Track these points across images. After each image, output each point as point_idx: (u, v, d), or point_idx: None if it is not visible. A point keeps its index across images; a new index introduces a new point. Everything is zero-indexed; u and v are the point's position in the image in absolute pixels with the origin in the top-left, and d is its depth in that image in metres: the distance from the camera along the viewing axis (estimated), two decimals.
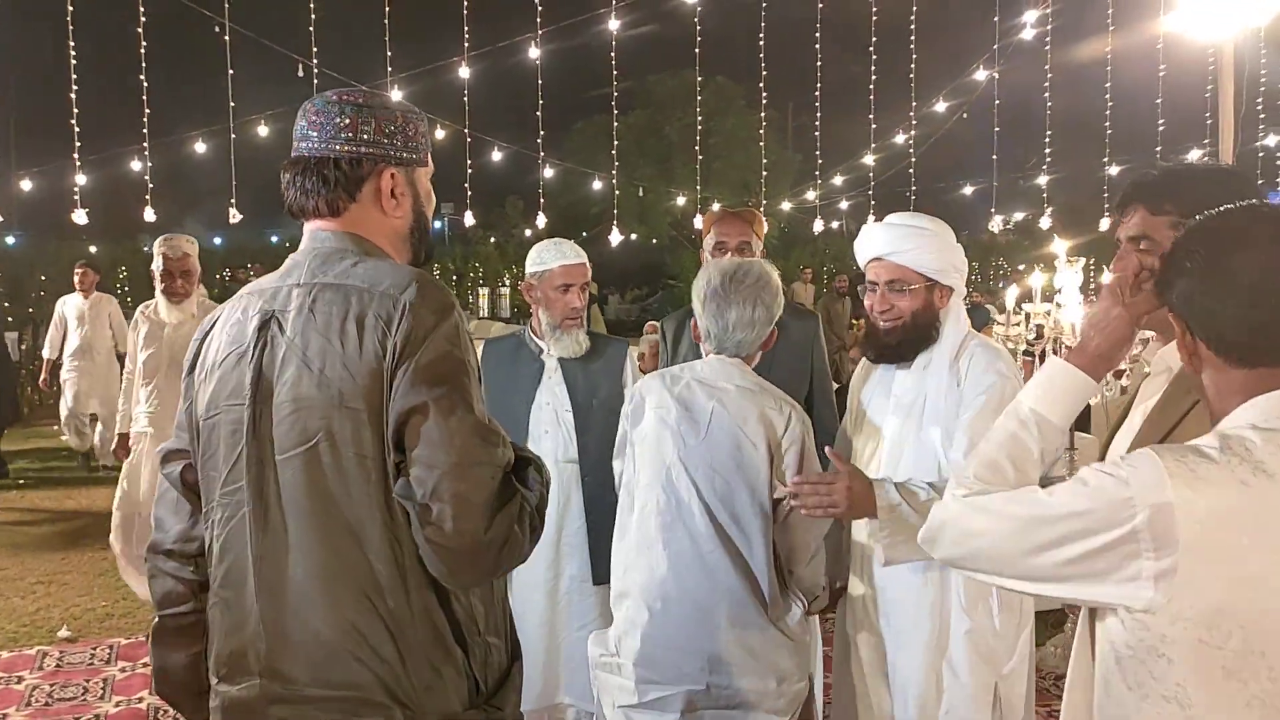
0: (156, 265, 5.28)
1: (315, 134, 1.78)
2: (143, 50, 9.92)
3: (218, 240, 29.11)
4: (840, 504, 2.46)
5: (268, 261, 21.96)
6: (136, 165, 12.64)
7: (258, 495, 1.68)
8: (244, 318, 1.77)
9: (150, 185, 10.14)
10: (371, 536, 1.64)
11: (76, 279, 9.62)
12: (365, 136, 1.76)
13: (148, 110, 10.03)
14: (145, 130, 10.06)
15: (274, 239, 30.38)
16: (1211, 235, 1.52)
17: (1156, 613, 1.40)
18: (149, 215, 10.11)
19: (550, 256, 3.58)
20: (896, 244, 2.70)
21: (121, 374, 5.97)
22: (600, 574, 3.41)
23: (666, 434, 2.65)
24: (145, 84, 9.93)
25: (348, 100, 1.79)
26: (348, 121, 1.76)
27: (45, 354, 9.91)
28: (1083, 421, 5.56)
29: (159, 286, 5.33)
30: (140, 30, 9.78)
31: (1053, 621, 5.26)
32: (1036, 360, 4.84)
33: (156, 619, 1.93)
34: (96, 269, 9.84)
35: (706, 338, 2.73)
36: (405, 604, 1.65)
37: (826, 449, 2.56)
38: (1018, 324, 4.88)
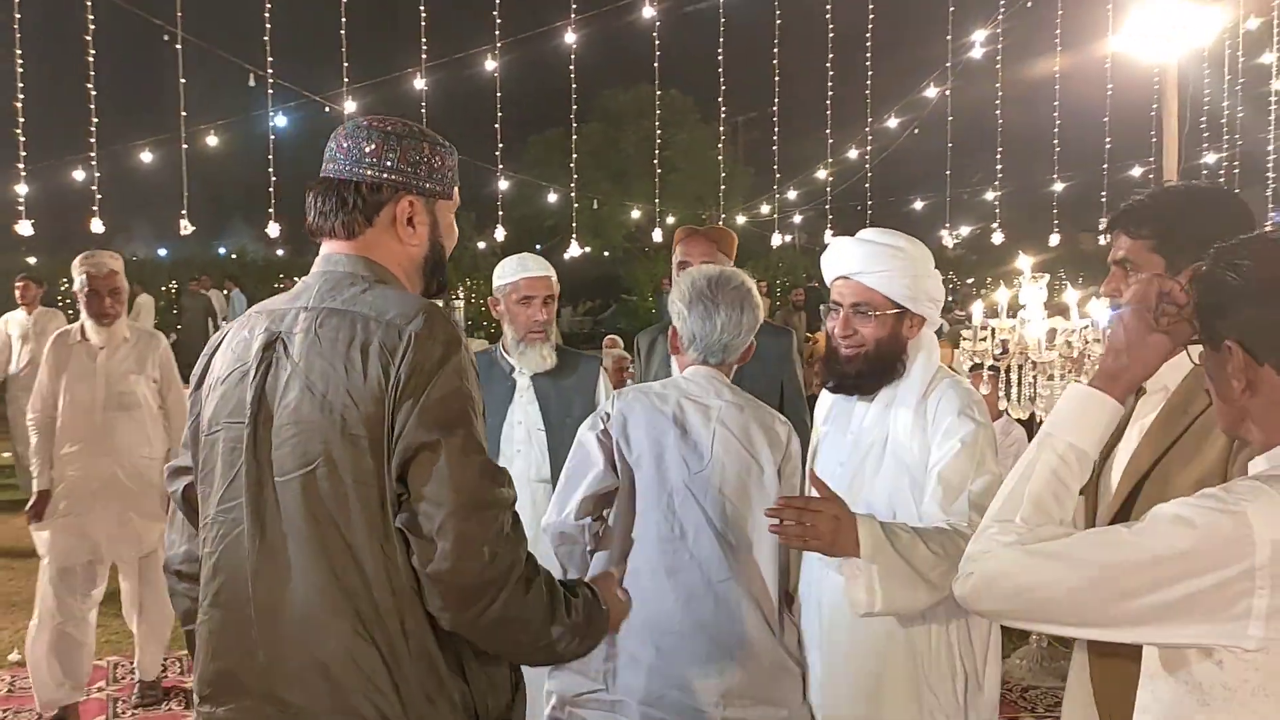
0: (80, 285, 4.62)
1: (342, 156, 1.80)
2: (91, 58, 9.72)
3: (163, 251, 28.64)
4: (823, 537, 2.16)
5: (215, 274, 21.64)
6: (82, 175, 12.40)
7: (255, 515, 1.67)
8: (250, 336, 1.77)
9: (98, 195, 9.92)
10: (368, 564, 1.63)
11: (18, 293, 9.03)
12: (389, 163, 1.78)
13: (96, 119, 9.82)
14: (94, 139, 9.84)
15: (221, 250, 29.98)
16: (1262, 258, 1.47)
17: (1270, 651, 1.33)
18: (96, 226, 9.89)
19: (512, 269, 3.57)
20: (866, 263, 2.44)
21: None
22: None
23: (667, 458, 2.46)
24: (93, 92, 9.72)
25: (377, 127, 1.81)
26: (373, 147, 1.78)
27: None
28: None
29: (84, 309, 4.64)
30: (89, 38, 9.58)
31: (1018, 634, 5.30)
32: (1001, 375, 4.87)
33: (185, 632, 1.96)
34: (39, 282, 9.34)
35: (691, 344, 2.54)
36: (401, 632, 1.64)
37: (809, 472, 2.37)
38: (984, 339, 4.90)
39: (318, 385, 1.64)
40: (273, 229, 11.39)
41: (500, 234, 13.56)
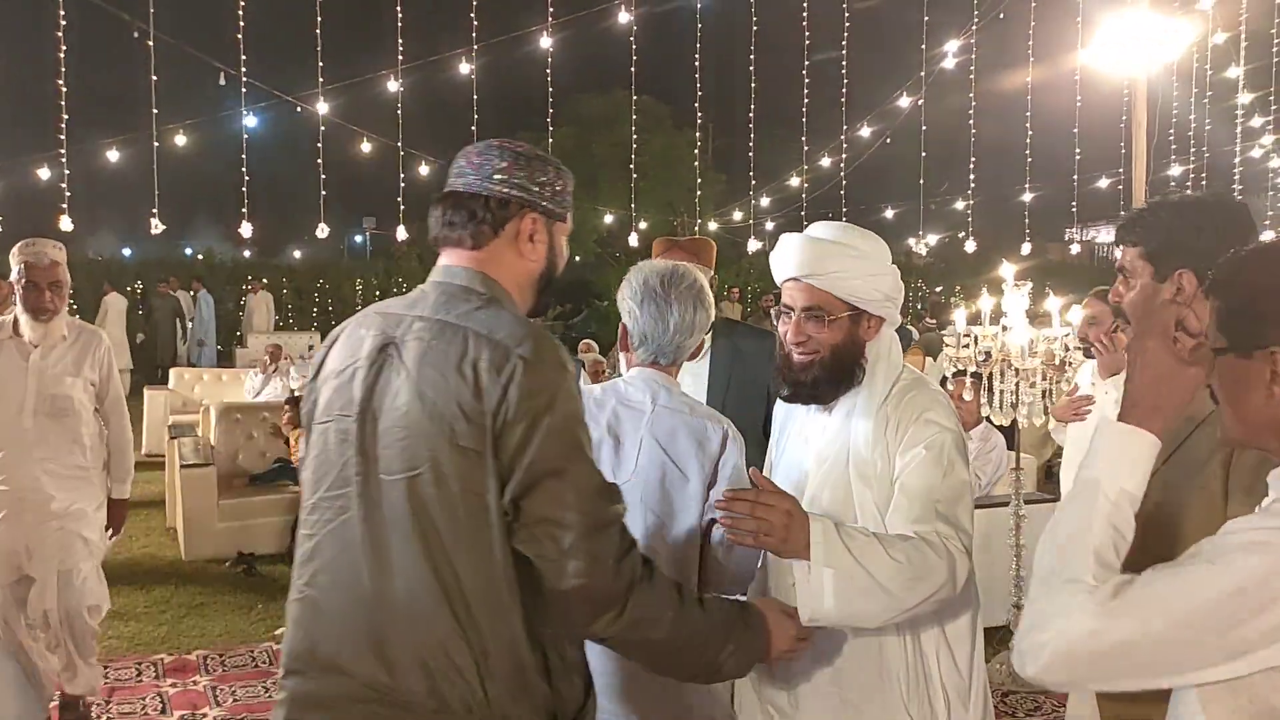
0: (17, 275, 4.14)
1: (471, 172, 1.91)
2: (61, 55, 9.58)
3: (127, 251, 28.25)
4: (775, 532, 2.01)
5: (182, 275, 21.37)
6: (49, 173, 12.22)
7: (363, 506, 1.76)
8: (364, 336, 1.86)
9: (67, 193, 9.77)
10: (464, 567, 1.71)
11: None
12: (517, 181, 1.90)
13: (65, 116, 9.67)
14: (63, 137, 9.68)
15: (188, 251, 29.62)
16: None
17: None
18: (65, 224, 9.74)
19: None
20: (817, 264, 2.23)
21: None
22: None
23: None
24: (64, 89, 9.57)
25: (508, 148, 1.94)
26: (505, 165, 1.90)
27: None
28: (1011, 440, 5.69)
29: (20, 302, 4.15)
30: (60, 34, 9.44)
31: (999, 638, 5.34)
32: (984, 382, 4.92)
33: None
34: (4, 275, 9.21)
35: (642, 343, 2.41)
36: (494, 636, 1.72)
37: (751, 471, 2.14)
38: (966, 346, 4.94)
39: (428, 394, 1.72)
40: (245, 229, 11.25)
41: None
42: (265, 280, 22.68)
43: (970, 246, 15.32)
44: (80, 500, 4.26)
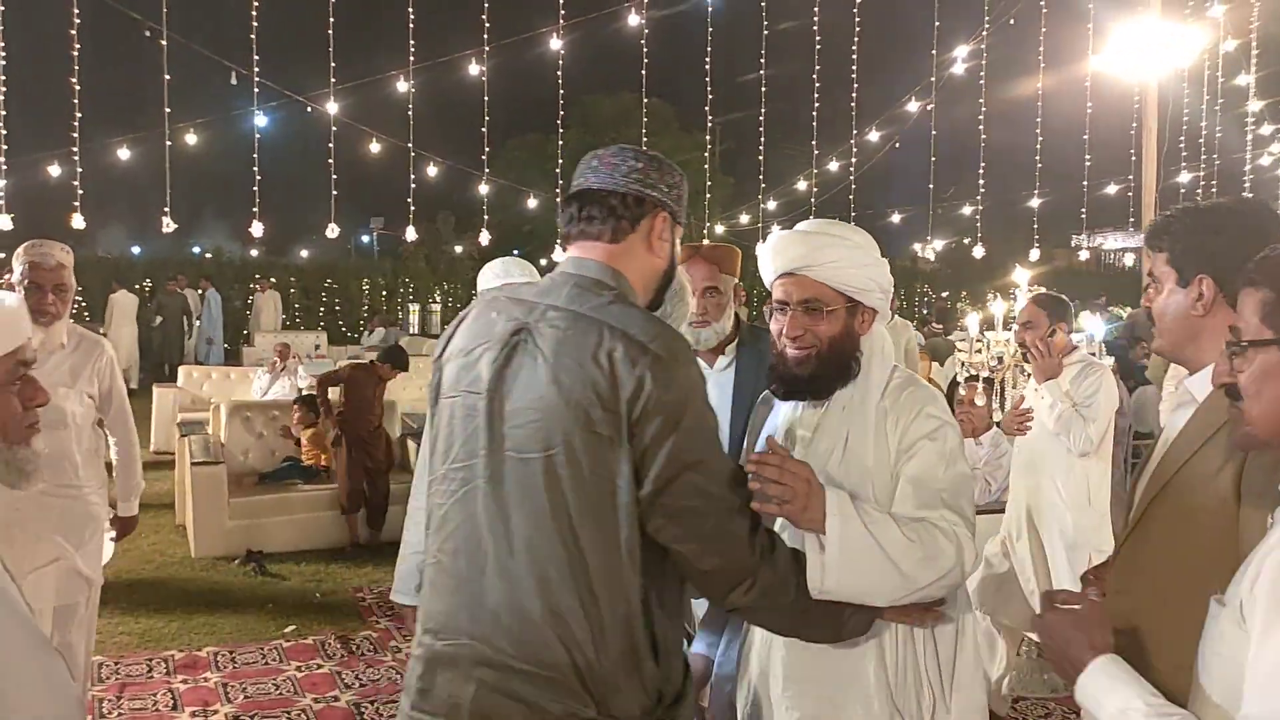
0: (19, 276, 3.88)
1: (606, 171, 1.98)
2: (75, 53, 9.61)
3: (136, 249, 28.33)
4: (798, 500, 1.99)
5: (190, 273, 21.40)
6: (59, 171, 12.25)
7: (491, 480, 1.85)
8: (495, 319, 1.93)
9: (79, 191, 9.79)
10: (588, 544, 1.79)
11: None
12: (651, 181, 1.98)
13: (79, 115, 9.70)
14: (76, 135, 9.72)
15: (196, 250, 29.70)
16: None
17: None
18: (77, 222, 9.77)
19: (496, 275, 3.46)
20: (814, 255, 2.20)
21: None
22: None
23: None
24: (77, 88, 9.60)
25: (640, 151, 2.02)
26: (640, 165, 1.98)
27: None
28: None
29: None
30: (73, 33, 9.47)
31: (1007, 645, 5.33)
32: (996, 387, 4.93)
33: None
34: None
35: None
36: (611, 611, 1.80)
37: (768, 439, 2.12)
38: (979, 351, 4.96)
39: (564, 380, 1.79)
40: (256, 228, 11.27)
41: (485, 238, 13.52)
42: (273, 279, 22.71)
43: (979, 252, 15.29)
44: (73, 529, 3.88)
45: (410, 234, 13.27)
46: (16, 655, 1.75)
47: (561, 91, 12.91)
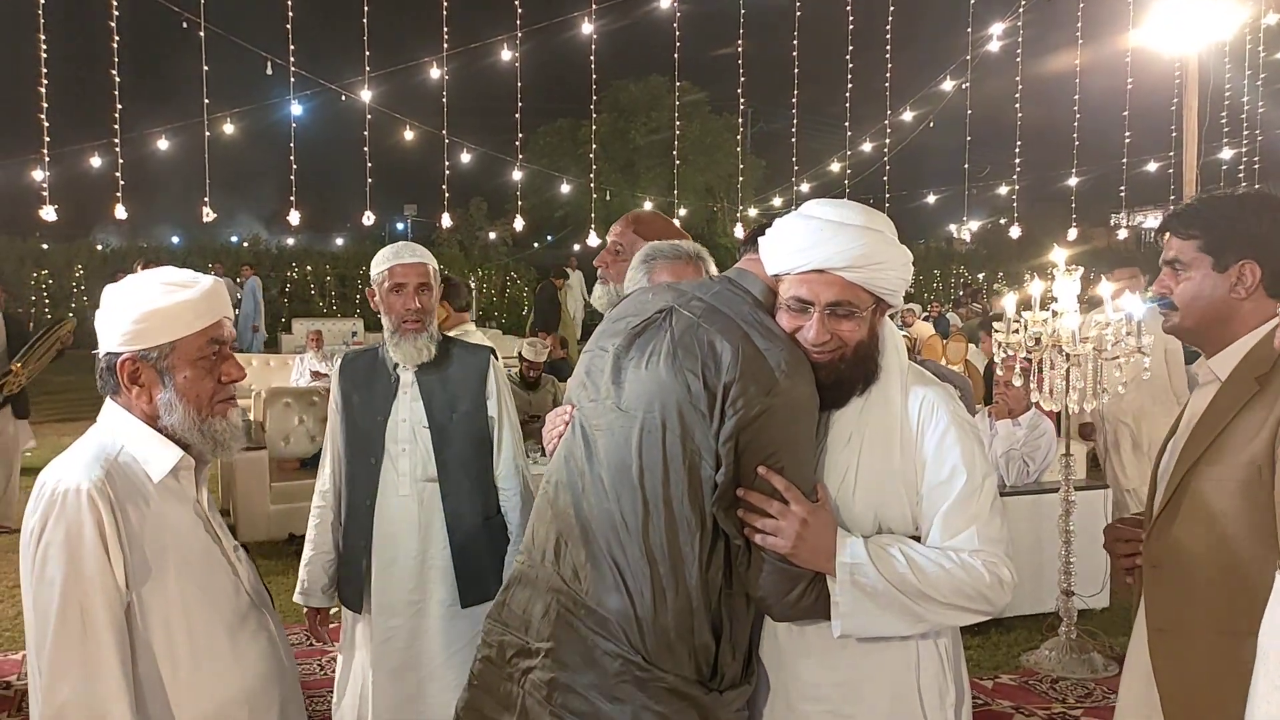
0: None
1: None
2: (115, 46, 9.74)
3: (175, 239, 28.68)
4: (785, 535, 1.89)
5: (228, 261, 21.67)
6: (100, 161, 12.44)
7: (596, 428, 2.04)
8: (650, 300, 2.12)
9: (121, 182, 9.94)
10: (661, 510, 1.92)
11: None
12: None
13: (120, 106, 9.84)
14: (117, 126, 9.85)
15: (234, 239, 30.00)
16: None
17: None
18: (120, 213, 9.91)
19: (384, 258, 3.35)
20: (858, 256, 1.97)
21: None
22: (469, 597, 3.23)
23: None
24: (117, 79, 9.73)
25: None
26: None
27: None
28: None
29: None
30: (113, 25, 9.59)
31: (1047, 625, 5.33)
32: (1034, 366, 4.89)
33: None
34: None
35: None
36: (671, 576, 1.91)
37: (761, 470, 1.93)
38: (1016, 331, 4.92)
39: (679, 354, 1.96)
40: (293, 216, 11.39)
41: (519, 224, 13.56)
42: (310, 267, 22.88)
43: (1015, 232, 15.14)
44: None
45: (445, 221, 13.34)
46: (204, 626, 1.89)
47: (594, 76, 12.90)
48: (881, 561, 1.91)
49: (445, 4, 11.34)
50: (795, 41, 13.02)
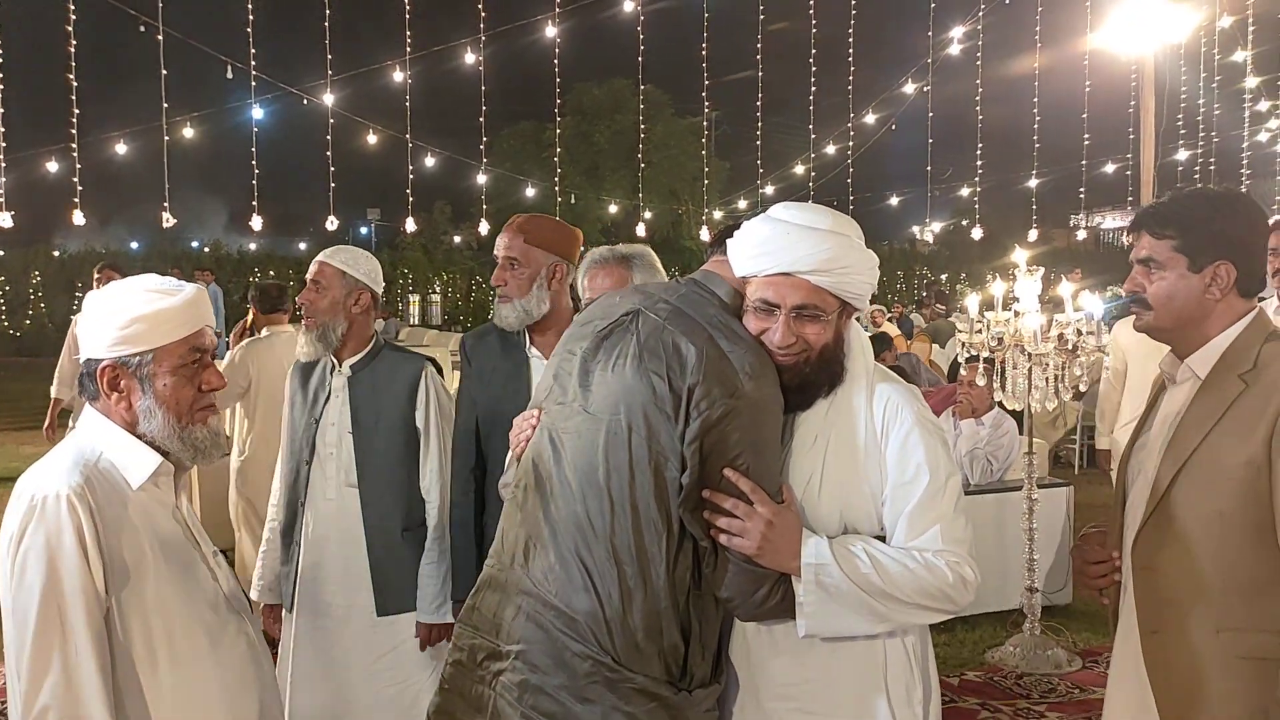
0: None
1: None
2: (71, 49, 9.59)
3: (135, 245, 28.30)
4: (749, 536, 1.91)
5: (186, 267, 21.41)
6: (57, 166, 12.25)
7: (563, 430, 2.04)
8: (619, 302, 2.14)
9: (79, 187, 9.80)
10: (627, 512, 1.93)
11: None
12: None
13: (76, 110, 9.70)
14: (74, 130, 9.71)
15: (194, 244, 29.68)
16: None
17: None
18: (78, 218, 9.78)
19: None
20: (824, 260, 1.98)
21: None
22: (386, 606, 3.19)
23: None
24: (74, 83, 9.59)
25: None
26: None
27: None
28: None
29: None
30: (70, 28, 9.45)
31: (1011, 621, 5.38)
32: (996, 367, 4.95)
33: None
34: None
35: None
36: (638, 578, 1.92)
37: (726, 471, 1.94)
38: (979, 331, 4.98)
39: (645, 357, 1.97)
40: (255, 221, 11.29)
41: (484, 227, 13.53)
42: (274, 272, 22.72)
43: (977, 233, 15.30)
44: None
45: (409, 225, 13.27)
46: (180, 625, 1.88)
47: (558, 79, 12.89)
48: (845, 561, 1.93)
49: (408, 7, 11.29)
50: (759, 44, 13.08)
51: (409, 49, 11.97)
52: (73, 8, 9.24)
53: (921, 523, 2.00)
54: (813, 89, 13.56)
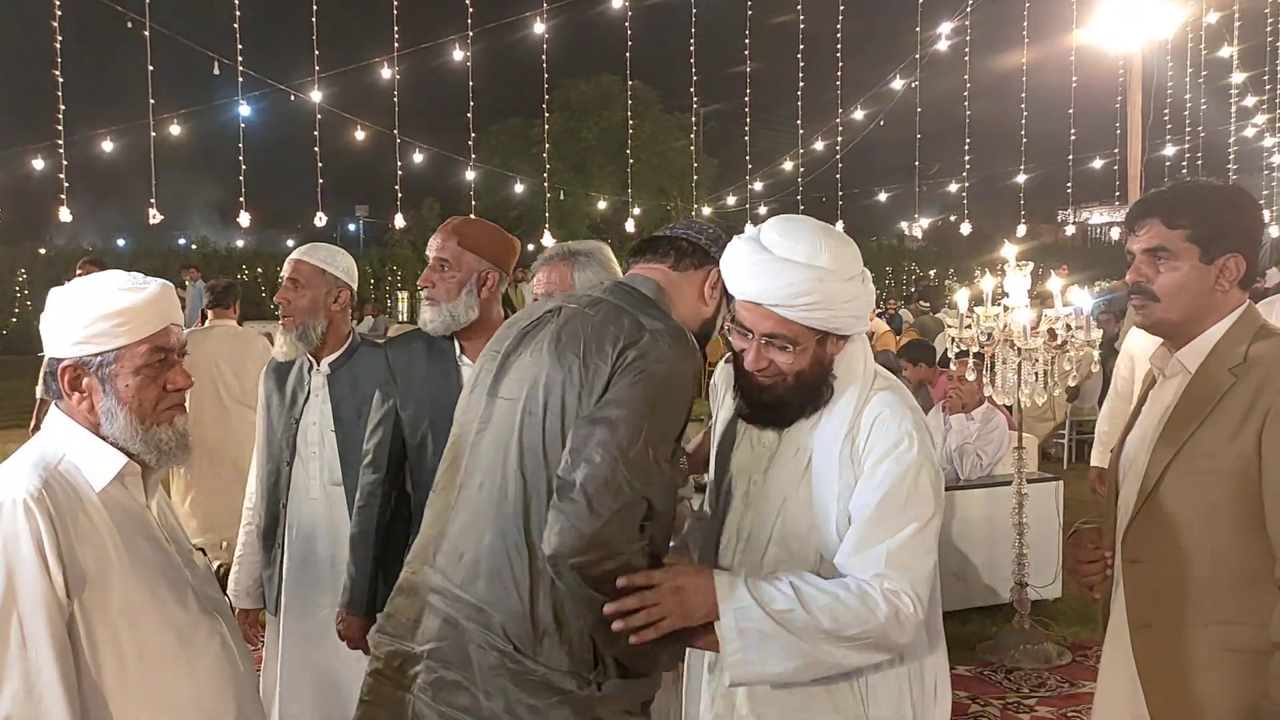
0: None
1: (683, 227, 2.24)
2: (57, 46, 9.53)
3: (121, 242, 28.16)
4: (671, 612, 1.84)
5: (173, 264, 21.33)
6: (43, 164, 12.17)
7: (479, 420, 2.04)
8: (543, 305, 2.15)
9: (65, 184, 9.73)
10: (536, 494, 1.92)
11: None
12: (719, 245, 2.16)
13: (62, 107, 9.63)
14: (60, 127, 9.64)
15: (181, 241, 29.56)
16: None
17: None
18: (64, 215, 9.72)
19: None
20: (783, 294, 1.92)
21: None
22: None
23: None
24: (60, 80, 9.52)
25: (715, 224, 2.40)
26: (710, 230, 2.24)
27: None
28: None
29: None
30: (55, 24, 9.39)
31: (1001, 615, 5.40)
32: (986, 362, 4.96)
33: None
34: None
35: None
36: (543, 561, 1.88)
37: (619, 581, 1.84)
38: (969, 327, 4.99)
39: (563, 338, 1.97)
40: (243, 218, 11.24)
41: None
42: (260, 270, 22.66)
43: (966, 229, 15.33)
44: None
45: (398, 221, 13.23)
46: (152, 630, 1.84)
47: (546, 75, 12.86)
48: (767, 600, 1.84)
49: (396, 3, 11.25)
50: (747, 40, 13.08)
51: (397, 45, 11.92)
52: (58, 4, 9.18)
53: (870, 537, 1.90)
54: (801, 85, 13.56)
